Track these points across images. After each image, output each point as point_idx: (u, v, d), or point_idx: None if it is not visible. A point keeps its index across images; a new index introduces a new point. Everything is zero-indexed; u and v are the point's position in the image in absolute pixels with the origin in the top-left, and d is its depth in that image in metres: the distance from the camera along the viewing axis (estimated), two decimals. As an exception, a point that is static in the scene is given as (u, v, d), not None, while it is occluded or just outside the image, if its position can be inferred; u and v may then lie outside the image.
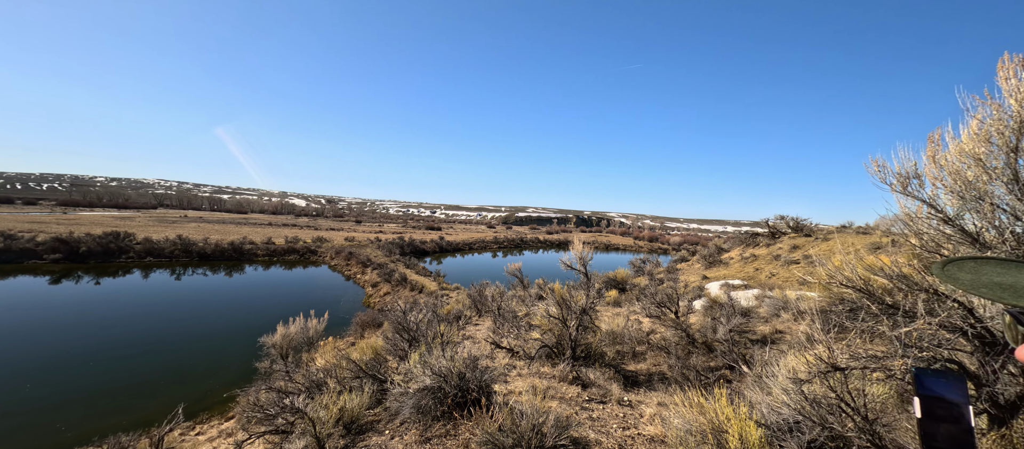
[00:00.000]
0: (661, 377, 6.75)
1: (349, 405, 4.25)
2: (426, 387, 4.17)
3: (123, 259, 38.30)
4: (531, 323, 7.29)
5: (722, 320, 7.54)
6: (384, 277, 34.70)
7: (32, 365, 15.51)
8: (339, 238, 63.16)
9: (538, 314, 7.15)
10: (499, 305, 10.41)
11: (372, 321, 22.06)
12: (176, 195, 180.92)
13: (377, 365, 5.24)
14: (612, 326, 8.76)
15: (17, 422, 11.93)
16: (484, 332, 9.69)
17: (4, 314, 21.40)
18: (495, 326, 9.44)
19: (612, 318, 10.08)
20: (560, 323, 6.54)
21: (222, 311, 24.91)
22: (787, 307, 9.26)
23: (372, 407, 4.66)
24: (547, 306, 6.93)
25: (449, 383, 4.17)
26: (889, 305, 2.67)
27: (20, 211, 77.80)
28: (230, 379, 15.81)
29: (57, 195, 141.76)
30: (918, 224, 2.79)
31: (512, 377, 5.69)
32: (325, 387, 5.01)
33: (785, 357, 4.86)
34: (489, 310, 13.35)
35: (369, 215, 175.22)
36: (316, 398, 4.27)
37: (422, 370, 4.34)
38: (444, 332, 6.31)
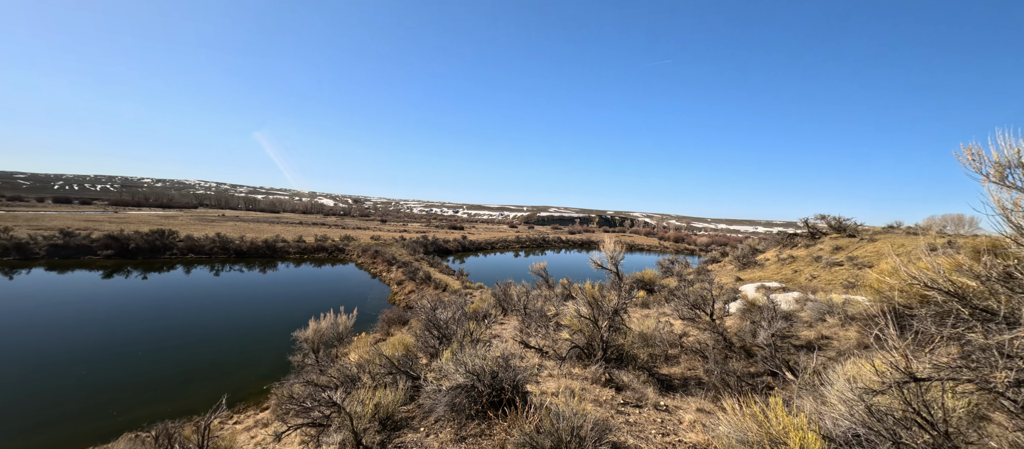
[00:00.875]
0: (697, 382, 6.45)
1: (384, 401, 4.26)
2: (459, 385, 4.13)
3: (167, 255, 40.63)
4: (560, 323, 7.13)
5: (762, 324, 7.14)
6: (409, 275, 35.27)
7: (87, 353, 16.62)
8: (365, 237, 64.76)
9: (568, 314, 6.99)
10: (525, 305, 10.31)
11: (398, 319, 22.44)
12: (214, 195, 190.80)
13: (409, 362, 5.26)
14: (642, 328, 8.48)
15: (74, 406, 12.79)
16: (511, 331, 9.60)
17: (63, 306, 23.06)
18: (522, 325, 9.34)
19: (642, 319, 9.76)
20: (591, 323, 6.37)
21: (257, 306, 25.97)
22: (833, 311, 8.68)
23: (406, 403, 4.66)
24: (577, 306, 6.76)
25: (482, 382, 4.11)
26: (981, 310, 2.37)
27: (77, 210, 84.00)
28: (265, 371, 16.43)
29: (109, 195, 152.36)
30: (1018, 217, 2.46)
31: (543, 377, 5.57)
32: (359, 382, 5.06)
33: (841, 365, 4.52)
34: (515, 309, 13.26)
35: (394, 214, 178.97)
36: (352, 393, 4.31)
37: (455, 368, 4.29)
38: (473, 330, 6.26)
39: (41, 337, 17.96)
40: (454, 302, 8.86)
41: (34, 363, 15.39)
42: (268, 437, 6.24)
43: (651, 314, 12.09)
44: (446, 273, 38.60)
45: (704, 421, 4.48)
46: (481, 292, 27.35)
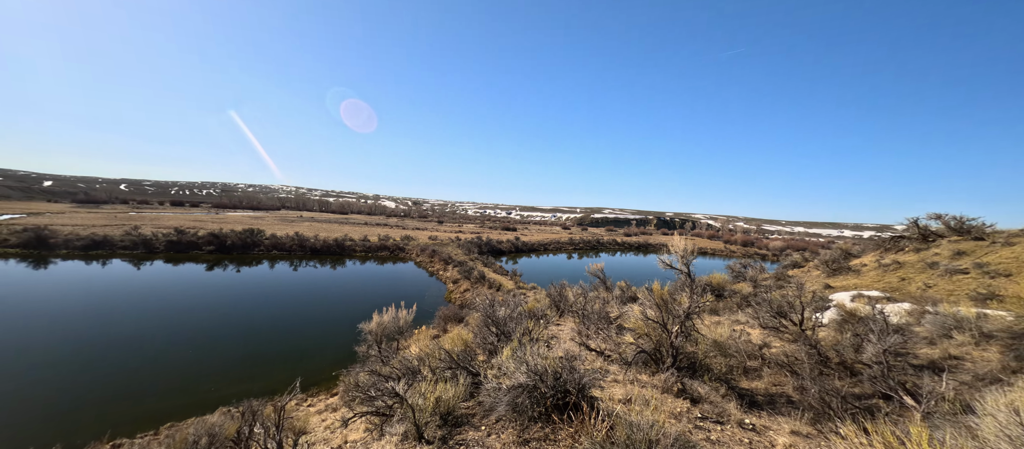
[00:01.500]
0: (787, 400, 5.63)
1: (445, 396, 4.21)
2: (521, 385, 3.93)
3: (256, 251, 45.63)
4: (622, 326, 6.66)
5: (870, 338, 6.04)
6: (464, 274, 36.09)
7: (193, 335, 19.03)
8: (423, 237, 67.66)
9: (632, 317, 6.50)
10: (583, 306, 9.89)
11: (454, 316, 22.97)
12: (294, 198, 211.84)
13: (468, 357, 5.20)
14: (714, 335, 7.67)
15: (182, 381, 14.63)
16: (568, 332, 9.25)
17: (173, 295, 26.74)
18: (580, 327, 8.95)
19: (712, 326, 8.88)
20: (659, 327, 5.84)
21: (328, 298, 28.11)
22: (962, 326, 7.16)
23: (466, 400, 4.59)
24: (643, 309, 6.25)
25: (545, 382, 3.87)
26: None
27: (188, 212, 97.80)
28: (335, 358, 17.62)
29: (212, 199, 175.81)
30: None
31: (608, 383, 5.18)
32: (419, 375, 5.10)
33: (991, 392, 3.61)
34: (571, 311, 12.86)
35: (450, 215, 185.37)
36: (414, 386, 4.33)
37: (516, 366, 4.11)
38: (531, 329, 6.05)
39: (160, 320, 20.93)
40: (513, 301, 8.72)
41: (154, 342, 17.93)
42: (336, 422, 6.58)
43: (722, 321, 11.02)
44: (500, 273, 38.95)
45: (804, 446, 3.82)
46: (535, 292, 27.14)
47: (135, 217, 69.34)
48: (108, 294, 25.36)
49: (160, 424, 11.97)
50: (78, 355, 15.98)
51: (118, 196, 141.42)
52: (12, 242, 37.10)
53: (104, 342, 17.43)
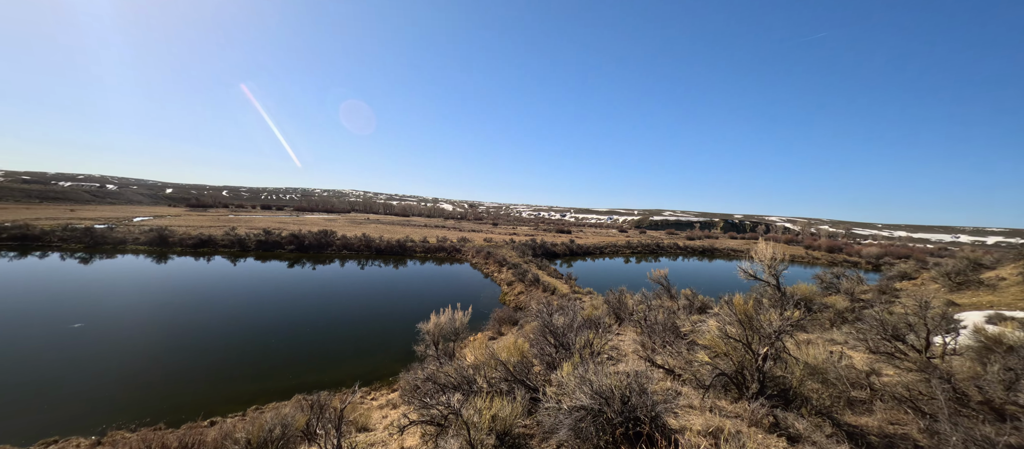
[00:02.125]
0: (913, 446, 4.58)
1: (502, 413, 3.98)
2: (583, 407, 3.56)
3: (329, 251, 49.67)
4: (695, 342, 5.94)
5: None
6: (518, 277, 36.07)
7: (276, 326, 21.00)
8: (479, 239, 69.06)
9: (707, 332, 5.77)
10: (646, 315, 9.16)
11: (509, 319, 22.95)
12: (362, 202, 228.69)
13: (525, 369, 4.94)
14: (806, 356, 6.58)
15: (263, 369, 16.13)
16: (630, 344, 8.60)
17: (261, 288, 29.83)
18: (644, 339, 8.27)
19: (802, 346, 7.68)
20: (743, 347, 5.09)
21: (391, 296, 29.62)
22: None
23: (523, 417, 4.33)
24: (722, 324, 5.50)
25: (611, 406, 3.47)
26: None
27: (273, 215, 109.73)
28: (396, 355, 18.39)
29: (293, 203, 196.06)
30: None
31: (682, 408, 4.58)
32: (475, 384, 4.95)
33: None
34: (631, 320, 12.07)
35: (504, 218, 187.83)
36: (470, 400, 4.17)
37: (577, 385, 3.75)
38: (592, 341, 5.62)
39: (250, 311, 23.42)
40: (570, 307, 8.30)
41: (245, 331, 20.05)
42: (395, 421, 6.70)
43: (814, 340, 9.58)
44: (554, 276, 38.37)
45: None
46: (591, 298, 26.24)
47: (232, 219, 79.09)
48: (209, 286, 29.02)
49: (247, 406, 13.22)
50: (184, 339, 18.34)
51: (220, 201, 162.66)
52: (142, 240, 44.10)
53: (204, 329, 19.84)
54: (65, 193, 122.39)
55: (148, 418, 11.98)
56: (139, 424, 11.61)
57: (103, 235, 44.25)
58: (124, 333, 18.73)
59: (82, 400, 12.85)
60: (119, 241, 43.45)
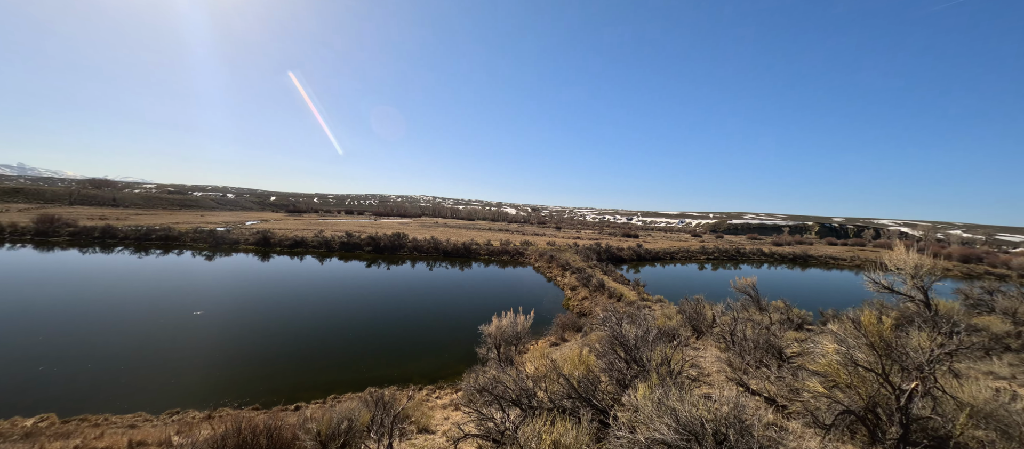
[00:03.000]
0: None
1: (565, 440, 3.51)
2: (665, 442, 2.95)
3: (401, 252, 52.90)
4: (805, 367, 4.86)
5: None
6: (582, 281, 34.93)
7: (354, 321, 22.62)
8: (542, 243, 68.66)
9: (822, 355, 4.66)
10: (732, 329, 7.96)
11: (572, 324, 22.16)
12: (431, 206, 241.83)
13: (591, 386, 4.43)
14: (964, 394, 5.05)
15: (343, 359, 17.33)
16: (713, 362, 7.52)
17: (343, 284, 32.51)
18: (730, 357, 7.16)
19: (953, 381, 5.99)
20: (876, 378, 3.98)
21: (456, 297, 30.44)
22: None
23: (590, 445, 3.82)
24: (844, 347, 4.37)
25: (702, 445, 2.82)
26: None
27: (355, 219, 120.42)
28: (460, 354, 18.67)
29: (372, 207, 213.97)
30: None
31: (791, 450, 3.69)
32: (535, 398, 4.55)
33: None
34: (713, 333, 10.71)
35: (567, 222, 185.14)
36: (529, 420, 3.79)
37: (657, 413, 3.15)
38: (669, 357, 4.87)
39: (333, 304, 25.60)
40: (641, 316, 7.51)
41: (328, 323, 21.88)
42: (453, 426, 6.57)
43: (966, 372, 7.57)
44: (620, 282, 36.51)
45: None
46: (662, 306, 24.35)
47: (321, 223, 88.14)
48: (301, 282, 32.37)
49: (327, 394, 14.24)
50: (279, 328, 20.49)
51: (312, 206, 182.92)
52: (250, 241, 50.96)
53: (295, 320, 22.01)
54: (197, 201, 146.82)
55: (247, 398, 13.43)
56: (240, 403, 13.07)
57: (222, 236, 51.98)
58: (233, 321, 21.49)
59: (198, 378, 14.86)
60: (234, 241, 50.68)
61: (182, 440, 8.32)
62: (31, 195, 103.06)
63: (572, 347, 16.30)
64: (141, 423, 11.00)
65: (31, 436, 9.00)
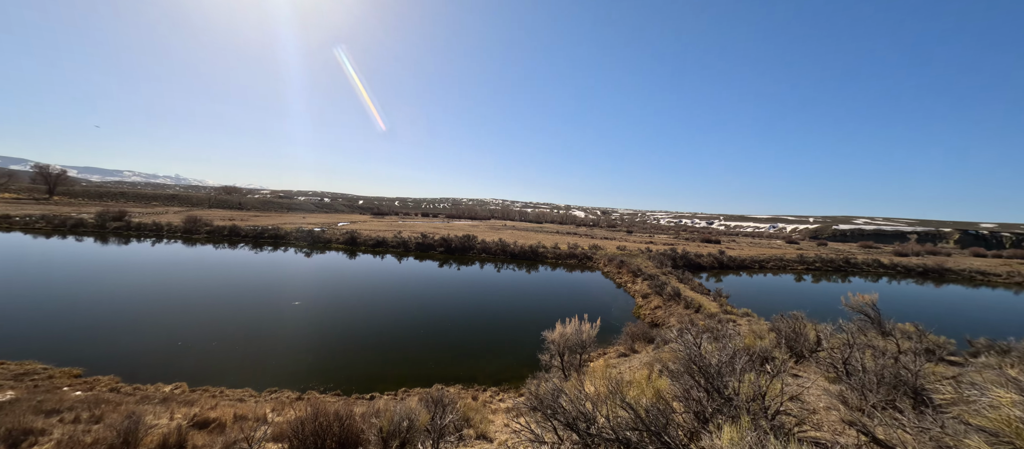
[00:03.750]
0: None
1: (631, 481, 3.08)
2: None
3: (470, 253, 54.73)
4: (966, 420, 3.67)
5: None
6: (655, 289, 32.70)
7: (426, 318, 23.77)
8: (611, 247, 66.03)
9: (995, 407, 3.47)
10: (846, 357, 6.55)
11: (643, 335, 20.73)
12: (500, 209, 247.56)
13: (662, 418, 3.84)
14: None
15: (414, 355, 18.22)
16: (820, 395, 6.25)
17: (417, 284, 34.45)
18: (844, 391, 5.87)
19: None
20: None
21: (522, 298, 30.47)
22: None
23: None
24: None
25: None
26: None
27: (429, 221, 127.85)
28: (524, 358, 18.52)
29: (445, 211, 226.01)
30: None
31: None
32: (594, 424, 4.09)
33: None
34: (816, 358, 9.03)
35: (639, 225, 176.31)
36: None
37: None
38: (766, 389, 4.04)
39: (409, 302, 27.25)
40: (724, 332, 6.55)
41: (404, 319, 23.27)
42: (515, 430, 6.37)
43: None
44: (699, 292, 33.44)
45: None
46: (750, 321, 21.67)
47: (400, 225, 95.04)
48: (381, 278, 35.04)
49: (399, 387, 15.03)
50: (361, 320, 22.29)
51: (393, 210, 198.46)
52: (340, 240, 56.74)
53: (376, 314, 23.79)
54: (300, 205, 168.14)
55: (331, 384, 14.71)
56: (325, 388, 14.36)
57: (318, 236, 58.67)
58: (324, 312, 23.90)
59: (293, 361, 16.69)
60: (327, 240, 56.87)
61: (275, 418, 9.24)
62: (183, 200, 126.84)
63: (642, 360, 15.15)
64: (247, 398, 12.60)
65: (167, 400, 10.75)
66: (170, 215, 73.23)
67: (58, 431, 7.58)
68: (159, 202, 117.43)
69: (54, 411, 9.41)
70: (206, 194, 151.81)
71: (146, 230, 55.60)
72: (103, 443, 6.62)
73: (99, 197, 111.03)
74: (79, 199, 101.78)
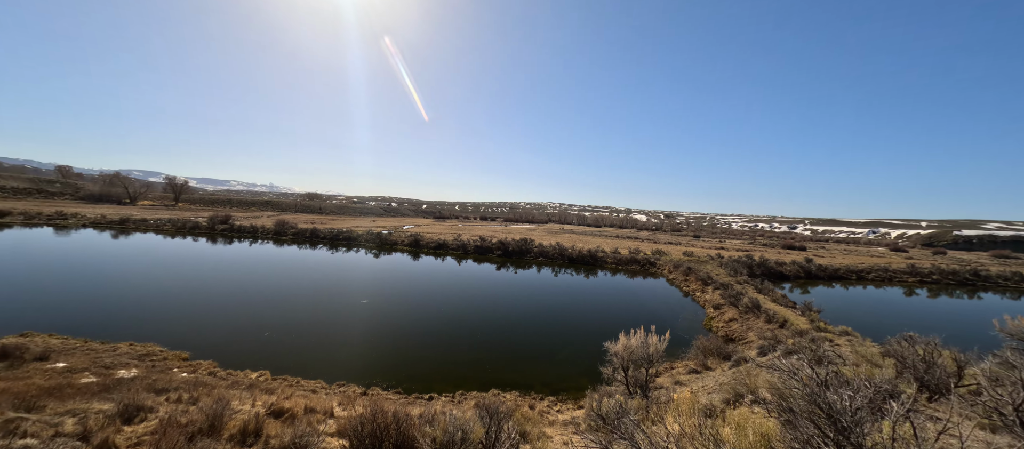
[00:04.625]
0: None
1: None
2: None
3: (528, 257, 54.56)
4: None
5: None
6: (729, 300, 29.72)
7: (484, 320, 23.87)
8: (677, 252, 61.83)
9: None
10: (1020, 401, 5.01)
11: (717, 350, 18.77)
12: (558, 213, 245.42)
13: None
14: None
15: (473, 357, 18.24)
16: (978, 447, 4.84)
17: (475, 285, 34.93)
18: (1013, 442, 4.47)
19: None
20: None
21: (580, 305, 29.45)
22: None
23: None
24: None
25: None
26: None
27: (488, 224, 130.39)
28: (583, 367, 17.68)
29: (503, 214, 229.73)
30: None
31: None
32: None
33: None
34: (958, 394, 7.17)
35: (708, 230, 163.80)
36: None
37: None
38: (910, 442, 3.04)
39: (467, 304, 27.66)
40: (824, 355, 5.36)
41: (462, 322, 23.61)
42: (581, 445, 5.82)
43: None
44: (783, 305, 29.76)
45: None
46: (850, 342, 18.57)
47: (460, 228, 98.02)
48: (441, 279, 36.13)
49: (456, 389, 15.07)
50: (421, 320, 22.98)
51: (454, 214, 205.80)
52: (404, 242, 59.87)
53: (434, 314, 24.41)
54: (371, 209, 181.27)
55: (393, 381, 15.18)
56: (388, 385, 14.85)
57: (385, 238, 62.49)
58: (389, 311, 25.08)
59: (360, 356, 17.57)
60: (393, 242, 60.33)
61: (341, 412, 9.58)
62: (274, 206, 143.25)
63: (718, 380, 13.56)
64: (319, 389, 13.40)
65: (252, 387, 11.74)
66: (264, 219, 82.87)
67: (163, 409, 8.50)
68: (256, 207, 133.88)
69: (163, 390, 10.70)
70: (293, 200, 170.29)
71: (245, 232, 63.40)
72: (194, 425, 7.20)
73: (211, 203, 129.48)
74: (197, 205, 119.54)
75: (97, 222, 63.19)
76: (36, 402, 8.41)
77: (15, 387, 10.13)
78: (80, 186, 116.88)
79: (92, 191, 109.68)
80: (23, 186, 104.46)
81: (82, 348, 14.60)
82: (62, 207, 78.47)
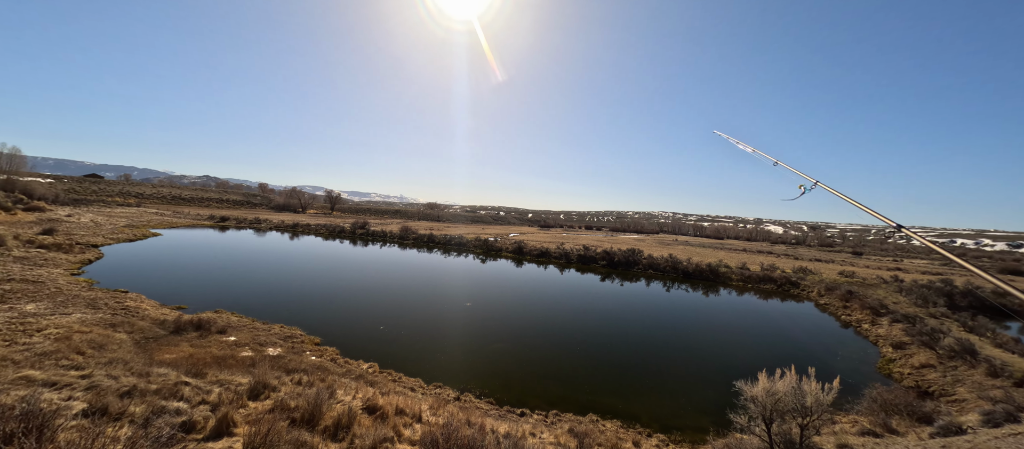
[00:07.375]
0: None
1: None
2: None
3: (635, 269, 50.48)
4: None
5: None
6: (920, 337, 22.16)
7: (581, 335, 22.31)
8: (829, 272, 50.06)
9: None
10: None
11: (905, 406, 13.74)
12: (671, 223, 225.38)
13: None
14: None
15: (567, 373, 16.89)
16: None
17: (575, 296, 33.35)
18: None
19: None
20: None
21: (697, 328, 25.47)
22: None
23: None
24: None
25: None
26: None
27: (592, 234, 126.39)
28: (702, 405, 14.82)
29: (609, 224, 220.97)
30: None
31: None
32: None
33: None
34: None
35: (874, 246, 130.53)
36: None
37: None
38: None
39: (564, 315, 26.42)
40: None
41: (557, 336, 22.45)
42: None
43: None
44: (1013, 350, 20.91)
45: None
46: None
47: (564, 236, 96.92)
48: (542, 288, 35.52)
49: (550, 407, 13.96)
50: (518, 329, 22.53)
51: (558, 222, 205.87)
52: (509, 249, 61.44)
53: (532, 324, 23.75)
54: (481, 217, 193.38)
55: (486, 389, 14.81)
56: (481, 393, 14.54)
57: (491, 244, 65.17)
58: (489, 316, 25.36)
59: (458, 359, 17.76)
60: (499, 249, 62.48)
61: (429, 417, 9.36)
62: (401, 214, 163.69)
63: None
64: (416, 388, 13.77)
65: (360, 378, 12.57)
66: (392, 225, 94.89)
67: (283, 390, 9.38)
68: (387, 215, 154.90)
69: (293, 370, 12.11)
70: (416, 209, 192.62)
71: (376, 236, 73.30)
72: (298, 410, 7.59)
73: (356, 212, 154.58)
74: (346, 214, 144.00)
75: (279, 226, 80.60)
76: (202, 370, 10.13)
77: (198, 354, 12.58)
78: (271, 198, 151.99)
79: (278, 202, 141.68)
80: (238, 199, 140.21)
81: (249, 326, 17.90)
82: (259, 215, 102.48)
